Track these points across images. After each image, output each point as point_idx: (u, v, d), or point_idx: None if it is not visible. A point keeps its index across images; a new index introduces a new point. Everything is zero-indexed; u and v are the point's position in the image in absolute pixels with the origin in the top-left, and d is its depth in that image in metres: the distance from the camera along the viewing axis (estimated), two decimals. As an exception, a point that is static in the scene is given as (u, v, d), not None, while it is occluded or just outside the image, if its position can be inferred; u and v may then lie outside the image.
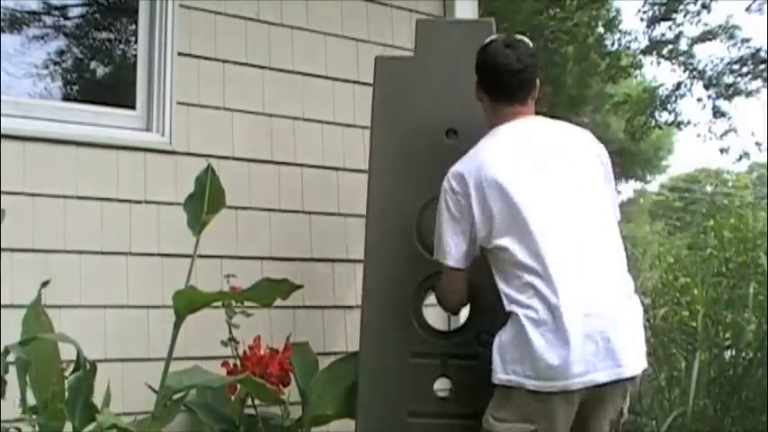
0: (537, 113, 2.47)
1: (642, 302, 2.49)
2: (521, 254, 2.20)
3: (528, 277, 2.19)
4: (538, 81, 2.44)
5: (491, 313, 2.32)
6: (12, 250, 2.67)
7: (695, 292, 4.21)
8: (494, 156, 2.33)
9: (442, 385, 2.57)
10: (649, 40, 13.94)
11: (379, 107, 2.73)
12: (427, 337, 2.57)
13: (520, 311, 2.18)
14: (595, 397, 2.21)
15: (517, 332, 2.18)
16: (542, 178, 2.29)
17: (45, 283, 2.36)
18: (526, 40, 2.48)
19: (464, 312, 2.65)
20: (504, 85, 2.39)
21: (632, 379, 2.24)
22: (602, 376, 2.15)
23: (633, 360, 2.22)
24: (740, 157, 15.84)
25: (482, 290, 2.36)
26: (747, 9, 13.43)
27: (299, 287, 2.18)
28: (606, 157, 2.43)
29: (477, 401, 2.31)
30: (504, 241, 2.23)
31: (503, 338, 2.24)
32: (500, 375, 2.23)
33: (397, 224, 2.63)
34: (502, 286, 2.25)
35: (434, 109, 2.69)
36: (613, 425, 2.33)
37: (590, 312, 2.16)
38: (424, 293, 2.62)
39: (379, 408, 2.54)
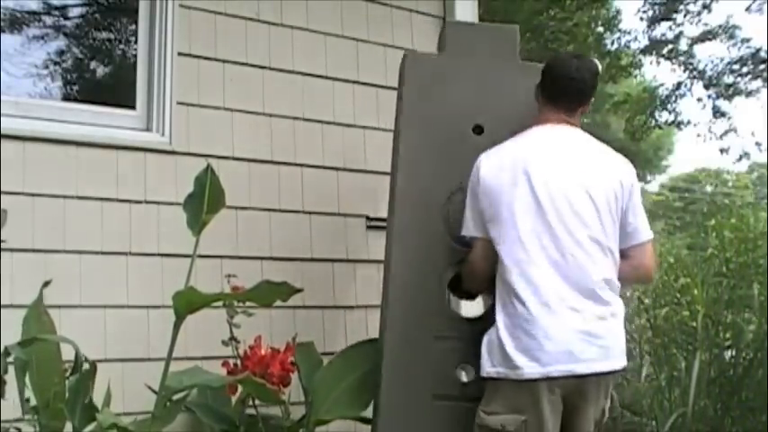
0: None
1: (642, 302, 2.58)
2: (503, 253, 2.40)
3: (511, 275, 2.37)
4: (591, 99, 2.64)
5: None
6: (12, 250, 2.67)
7: (695, 292, 4.21)
8: (518, 146, 2.52)
9: (464, 370, 2.63)
10: (649, 39, 13.94)
11: (409, 102, 2.81)
12: (451, 322, 2.65)
13: (505, 308, 2.38)
14: (577, 391, 2.34)
15: (504, 326, 2.36)
16: (543, 190, 2.42)
17: (46, 284, 2.36)
18: (595, 60, 2.70)
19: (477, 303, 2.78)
20: (557, 88, 2.57)
21: (611, 374, 2.38)
22: (582, 368, 2.30)
23: (612, 356, 2.37)
24: (740, 157, 15.87)
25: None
26: (747, 9, 13.44)
27: (299, 290, 2.18)
28: (628, 189, 2.52)
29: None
30: (493, 235, 2.45)
31: (491, 335, 2.41)
32: (488, 369, 2.39)
33: (424, 212, 2.71)
34: (496, 281, 2.44)
35: (462, 106, 2.80)
36: (597, 424, 2.44)
37: (574, 307, 2.33)
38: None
39: (403, 391, 2.59)
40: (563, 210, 2.40)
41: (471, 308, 2.83)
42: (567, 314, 2.33)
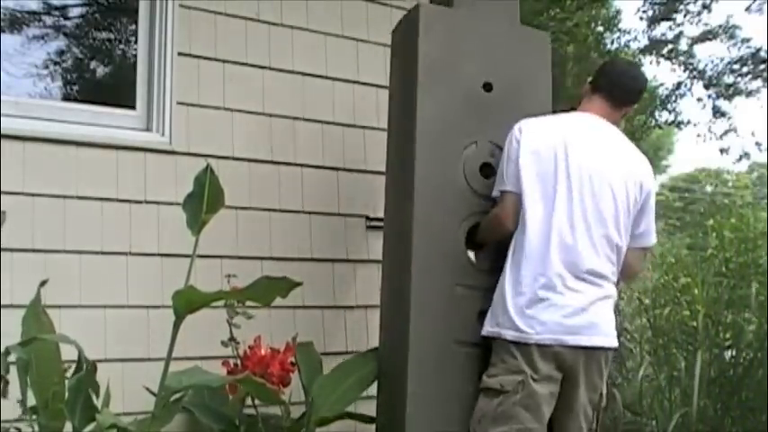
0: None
1: (642, 302, 2.67)
2: (530, 216, 2.56)
3: (523, 248, 2.55)
4: (635, 105, 2.91)
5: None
6: (12, 250, 2.67)
7: (696, 291, 4.21)
8: (559, 127, 2.68)
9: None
10: (649, 39, 13.94)
11: (426, 55, 2.84)
12: (472, 271, 2.76)
13: (512, 274, 2.56)
14: (570, 364, 2.52)
15: (509, 290, 2.54)
16: (576, 175, 2.59)
17: (43, 283, 2.36)
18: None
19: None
20: (617, 85, 2.76)
21: (602, 350, 2.55)
22: (573, 339, 2.49)
23: (602, 334, 2.55)
24: (740, 158, 15.86)
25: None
26: (747, 9, 13.44)
27: (299, 284, 2.18)
28: (646, 193, 2.70)
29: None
30: (525, 198, 2.58)
31: (497, 296, 2.59)
32: (488, 328, 2.60)
33: (443, 164, 2.80)
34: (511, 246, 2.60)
35: (474, 63, 2.89)
36: (595, 407, 2.62)
37: (573, 287, 2.51)
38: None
39: (429, 336, 2.68)
40: (587, 202, 2.58)
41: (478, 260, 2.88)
42: (566, 292, 2.50)
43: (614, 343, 2.59)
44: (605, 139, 2.70)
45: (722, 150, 15.22)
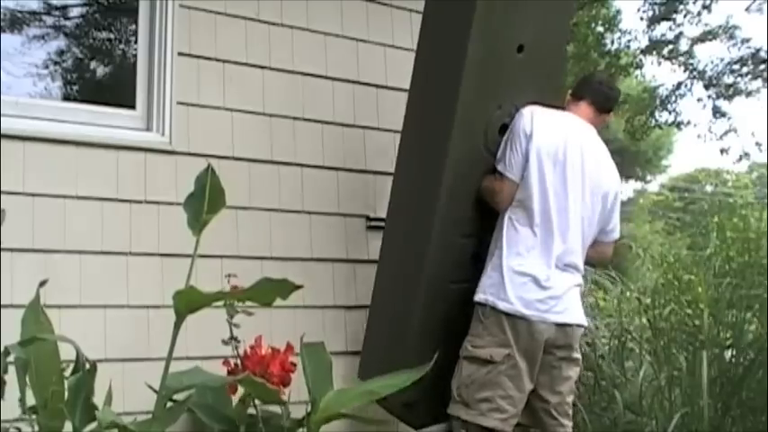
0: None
1: (641, 302, 3.28)
2: (525, 207, 2.84)
3: (522, 229, 2.84)
4: (611, 114, 3.26)
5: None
6: (12, 250, 2.67)
7: (699, 290, 4.21)
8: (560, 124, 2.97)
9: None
10: (649, 39, 13.93)
11: (479, 16, 2.88)
12: (474, 222, 3.01)
13: (510, 250, 2.83)
14: (553, 339, 2.83)
15: (506, 264, 2.81)
16: (571, 175, 2.90)
17: (43, 283, 2.36)
18: None
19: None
20: (599, 92, 3.13)
21: (578, 327, 2.92)
22: (555, 317, 2.82)
23: (577, 313, 2.93)
24: (740, 158, 15.83)
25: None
26: (747, 9, 13.45)
27: (299, 287, 2.18)
28: (615, 194, 3.06)
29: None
30: (523, 185, 2.86)
31: (493, 268, 2.86)
32: (480, 295, 2.86)
33: (475, 125, 2.96)
34: (506, 217, 2.89)
35: (511, 24, 2.99)
36: (575, 378, 2.99)
37: (560, 272, 2.85)
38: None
39: (445, 233, 2.96)
40: (577, 201, 2.89)
41: None
42: (558, 278, 2.84)
43: (584, 320, 2.98)
44: (591, 145, 3.01)
45: (722, 150, 15.21)
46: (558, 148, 2.88)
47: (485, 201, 2.98)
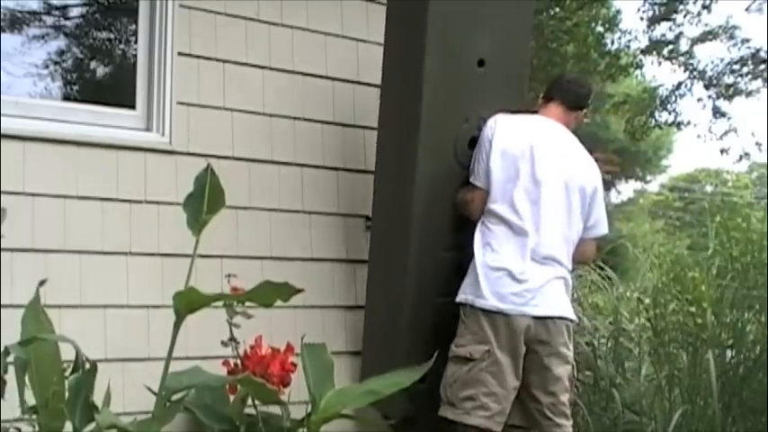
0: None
1: (641, 302, 3.37)
2: (497, 209, 2.91)
3: (498, 229, 2.91)
4: (586, 110, 3.31)
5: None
6: (12, 250, 2.67)
7: (701, 289, 4.21)
8: (525, 126, 3.06)
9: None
10: (649, 39, 13.92)
11: (434, 32, 2.98)
12: (457, 235, 3.06)
13: (485, 250, 2.89)
14: (534, 334, 2.85)
15: (481, 265, 2.88)
16: (542, 175, 2.95)
17: (42, 283, 2.36)
18: None
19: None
20: (568, 91, 3.20)
21: (562, 321, 2.91)
22: (535, 311, 2.84)
23: (560, 306, 2.93)
24: (740, 158, 15.83)
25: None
26: (747, 9, 13.44)
27: (300, 291, 2.18)
28: (593, 189, 3.06)
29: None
30: (493, 190, 2.94)
31: (471, 272, 2.90)
32: (460, 295, 2.92)
33: (442, 139, 3.05)
34: (480, 221, 2.97)
35: (471, 40, 3.07)
36: (568, 376, 2.94)
37: (537, 266, 2.87)
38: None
39: (420, 292, 3.06)
40: (551, 195, 2.94)
41: None
42: (534, 270, 2.87)
43: (572, 316, 3.00)
44: (562, 142, 3.08)
45: (722, 150, 15.20)
46: (524, 147, 2.95)
47: (461, 213, 3.06)
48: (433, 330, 3.01)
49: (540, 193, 2.92)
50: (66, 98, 3.27)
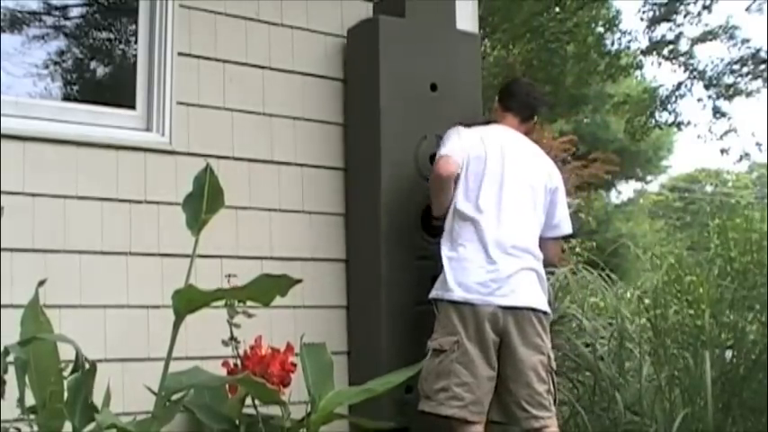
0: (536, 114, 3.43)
1: (642, 302, 3.25)
2: (462, 206, 3.01)
3: (462, 226, 3.00)
4: (536, 118, 3.45)
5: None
6: (12, 250, 2.67)
7: (701, 290, 4.20)
8: (487, 132, 3.19)
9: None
10: (649, 40, 13.93)
11: (386, 60, 3.29)
12: (427, 244, 3.22)
13: (451, 248, 2.99)
14: (503, 326, 2.92)
15: (447, 261, 2.98)
16: (508, 174, 3.08)
17: (41, 283, 2.35)
18: None
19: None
20: (524, 105, 3.30)
21: (531, 311, 2.96)
22: (501, 300, 2.92)
23: (530, 296, 2.99)
24: (740, 158, 15.86)
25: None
26: (747, 9, 13.45)
27: (299, 281, 2.18)
28: (554, 188, 3.21)
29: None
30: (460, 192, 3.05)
31: (440, 269, 2.98)
32: (432, 293, 3.01)
33: (404, 156, 3.27)
34: (447, 220, 3.07)
35: (423, 66, 3.35)
36: (544, 366, 2.98)
37: (504, 257, 2.95)
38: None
39: (397, 299, 3.22)
40: (514, 193, 3.06)
41: None
42: (495, 263, 2.94)
43: (545, 308, 3.03)
44: (524, 147, 3.21)
45: (722, 151, 15.23)
46: (491, 149, 3.07)
47: (440, 196, 3.11)
48: (415, 341, 3.05)
49: (504, 191, 3.03)
50: (66, 98, 3.27)
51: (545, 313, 3.05)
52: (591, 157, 12.48)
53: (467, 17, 3.68)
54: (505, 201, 3.03)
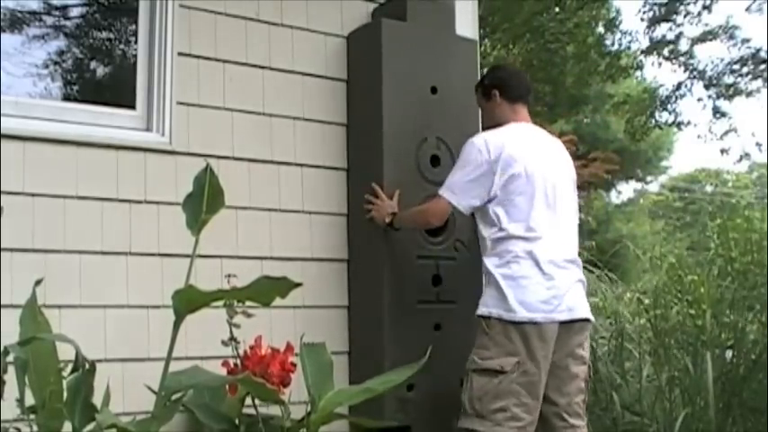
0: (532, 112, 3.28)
1: (642, 302, 3.23)
2: (508, 225, 2.90)
3: (516, 243, 2.88)
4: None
5: (463, 229, 3.29)
6: (12, 250, 2.67)
7: (701, 290, 4.21)
8: (514, 140, 3.02)
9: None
10: (650, 40, 13.93)
11: (389, 63, 3.31)
12: (427, 244, 3.27)
13: (504, 266, 2.87)
14: (561, 339, 2.87)
15: (503, 278, 2.85)
16: (540, 183, 2.97)
17: (38, 282, 2.35)
18: None
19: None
20: (521, 92, 3.16)
21: (584, 321, 2.95)
22: (561, 316, 2.86)
23: (580, 309, 2.94)
24: (741, 158, 15.88)
25: (457, 212, 3.06)
26: (747, 9, 13.45)
27: (299, 285, 2.18)
28: (574, 179, 3.18)
29: (459, 292, 3.27)
30: (496, 209, 2.93)
31: (491, 287, 2.89)
32: (482, 309, 2.89)
33: (406, 157, 3.30)
34: (488, 237, 2.95)
35: (424, 69, 3.37)
36: (585, 376, 2.98)
37: (559, 272, 2.88)
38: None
39: (399, 298, 3.22)
40: (551, 198, 2.97)
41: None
42: (556, 276, 2.87)
43: (589, 316, 3.00)
44: (549, 148, 3.12)
45: (722, 150, 15.27)
46: (526, 167, 2.93)
47: (426, 221, 3.14)
48: (417, 340, 3.04)
49: (556, 207, 2.97)
50: (66, 98, 3.27)
51: (591, 321, 3.05)
52: (591, 157, 12.48)
53: (466, 23, 3.68)
54: (556, 216, 2.96)
